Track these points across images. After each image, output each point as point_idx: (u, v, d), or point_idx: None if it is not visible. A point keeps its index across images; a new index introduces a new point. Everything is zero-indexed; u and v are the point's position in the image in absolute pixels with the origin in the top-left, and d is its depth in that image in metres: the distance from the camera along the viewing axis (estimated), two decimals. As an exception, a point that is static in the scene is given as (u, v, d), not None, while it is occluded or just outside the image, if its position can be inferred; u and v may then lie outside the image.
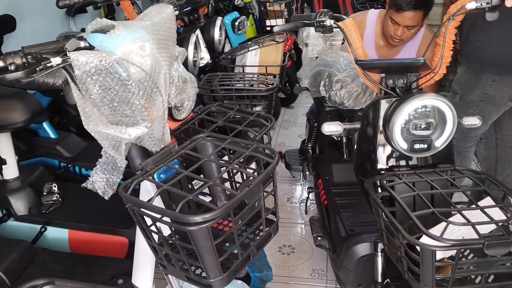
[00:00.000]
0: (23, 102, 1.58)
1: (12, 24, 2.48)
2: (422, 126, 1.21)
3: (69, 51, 1.11)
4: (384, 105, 1.29)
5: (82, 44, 1.15)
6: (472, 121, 1.31)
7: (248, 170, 1.21)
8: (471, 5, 1.16)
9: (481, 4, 1.16)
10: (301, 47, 3.68)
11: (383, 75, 1.32)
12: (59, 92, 2.12)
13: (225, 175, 1.29)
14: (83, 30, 3.03)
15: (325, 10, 1.41)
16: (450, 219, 1.05)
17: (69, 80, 1.08)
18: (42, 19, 2.91)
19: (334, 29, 1.40)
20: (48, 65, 1.01)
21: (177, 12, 1.90)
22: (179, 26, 2.24)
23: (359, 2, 5.21)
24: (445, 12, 1.25)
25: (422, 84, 1.31)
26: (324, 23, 1.37)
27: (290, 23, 1.47)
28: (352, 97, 1.87)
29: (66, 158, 2.01)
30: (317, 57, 2.33)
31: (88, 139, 2.01)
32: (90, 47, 1.12)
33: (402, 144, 1.22)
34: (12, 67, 0.95)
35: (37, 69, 0.98)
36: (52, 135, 2.08)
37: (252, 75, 2.11)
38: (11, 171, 1.63)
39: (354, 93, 1.87)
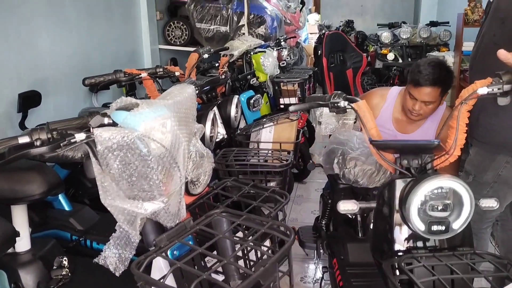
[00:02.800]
0: (42, 175, 1.60)
1: (38, 99, 2.60)
2: (439, 208, 1.19)
3: (93, 128, 1.15)
4: (399, 185, 1.29)
5: (106, 121, 1.19)
6: (489, 203, 1.30)
7: (262, 248, 1.19)
8: (483, 91, 1.20)
9: (493, 90, 1.19)
10: (314, 125, 3.76)
11: (397, 155, 1.34)
12: (77, 165, 2.16)
13: (239, 252, 1.27)
14: (104, 105, 3.17)
15: (339, 92, 1.46)
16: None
17: (91, 154, 1.11)
18: (66, 94, 3.04)
19: (347, 110, 1.45)
20: (72, 140, 1.04)
21: (197, 91, 1.98)
22: (198, 103, 2.33)
23: (368, 83, 5.41)
24: (455, 94, 1.29)
25: (437, 166, 1.32)
26: (338, 104, 1.41)
27: (305, 104, 1.52)
28: (366, 175, 1.87)
29: (78, 231, 2.01)
30: (330, 135, 2.37)
31: (102, 211, 2.01)
32: (114, 124, 1.16)
33: (419, 226, 1.20)
34: (38, 143, 0.98)
35: (61, 144, 1.01)
36: (66, 207, 2.09)
37: (266, 151, 2.14)
38: (23, 244, 1.62)
39: (368, 171, 1.87)
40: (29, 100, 2.54)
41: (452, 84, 2.12)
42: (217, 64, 2.89)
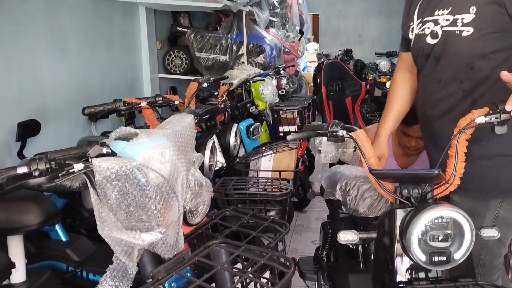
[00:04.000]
0: (39, 204, 1.59)
1: (37, 128, 2.60)
2: (440, 238, 1.18)
3: (91, 157, 1.15)
4: (399, 215, 1.28)
5: (105, 150, 1.19)
6: (491, 233, 1.28)
7: (262, 280, 1.17)
8: (481, 120, 1.20)
9: (490, 119, 1.20)
10: (313, 153, 3.76)
11: (397, 184, 1.33)
12: (75, 194, 2.15)
13: (238, 285, 1.25)
14: (103, 134, 3.16)
15: (337, 121, 1.46)
16: None
17: (89, 185, 1.10)
18: (65, 123, 3.05)
19: (346, 139, 1.45)
20: (71, 171, 1.04)
21: (196, 120, 1.99)
22: (197, 132, 2.34)
23: (367, 111, 5.44)
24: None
25: (438, 195, 1.31)
26: (337, 133, 1.41)
27: (304, 133, 1.52)
28: (366, 205, 1.85)
29: (74, 262, 1.97)
30: (330, 163, 2.37)
31: (99, 242, 1.98)
32: (113, 154, 1.16)
33: (420, 256, 1.18)
34: (36, 173, 0.97)
35: (59, 174, 1.01)
36: (63, 237, 2.06)
37: (266, 180, 2.13)
38: (19, 275, 1.58)
39: (369, 200, 1.86)
40: (28, 129, 2.54)
41: None
42: (216, 93, 2.91)
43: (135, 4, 3.87)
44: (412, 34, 1.70)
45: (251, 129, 3.19)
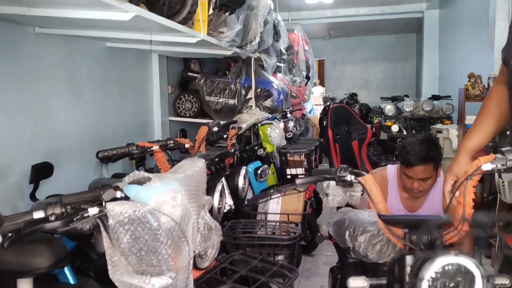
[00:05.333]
0: (50, 247, 1.60)
1: (50, 170, 2.65)
2: (451, 285, 1.17)
3: (105, 201, 1.18)
4: (409, 261, 1.28)
5: (118, 194, 1.22)
6: (502, 280, 1.27)
7: (271, 327, 1.16)
8: (487, 167, 1.22)
9: (497, 166, 1.22)
10: (321, 197, 3.76)
11: (406, 230, 1.34)
12: (85, 236, 2.16)
13: (247, 332, 1.24)
14: (114, 176, 3.19)
15: (345, 166, 1.48)
16: None
17: (102, 229, 1.12)
18: (77, 165, 3.10)
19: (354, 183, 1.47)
20: (85, 215, 1.06)
21: (207, 164, 2.02)
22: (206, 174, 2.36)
23: (374, 154, 5.47)
24: None
25: (447, 241, 1.31)
26: (345, 178, 1.43)
27: (313, 177, 1.54)
28: (376, 250, 1.85)
29: (82, 306, 1.95)
30: (337, 207, 2.37)
31: (107, 285, 1.97)
32: (126, 198, 1.19)
33: (431, 304, 1.17)
34: (52, 218, 1.00)
35: (74, 219, 1.04)
36: (71, 280, 2.05)
37: (274, 223, 2.14)
38: (27, 319, 1.58)
39: (378, 246, 1.85)
40: (41, 172, 2.59)
41: (441, 156, 2.15)
42: (225, 136, 2.96)
43: (149, 51, 4.01)
44: None
45: (259, 172, 3.21)
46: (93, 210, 1.09)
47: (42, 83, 2.78)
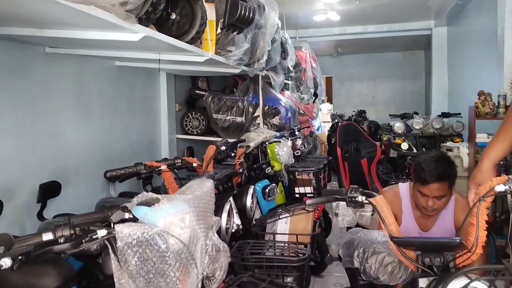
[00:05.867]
0: (57, 268, 1.59)
1: (58, 189, 2.66)
2: (466, 309, 1.14)
3: (114, 223, 1.17)
4: (422, 284, 1.25)
5: (127, 215, 1.21)
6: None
7: None
8: (500, 188, 1.20)
9: (510, 187, 1.20)
10: (330, 216, 3.72)
11: (419, 252, 1.31)
12: (92, 256, 2.14)
13: None
14: (121, 195, 3.17)
15: (355, 186, 1.47)
16: None
17: (110, 251, 1.11)
18: (85, 184, 3.11)
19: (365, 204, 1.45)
20: (94, 237, 1.05)
21: (215, 183, 2.01)
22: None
23: (383, 172, 5.42)
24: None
25: (461, 264, 1.28)
26: (356, 199, 1.42)
27: (323, 198, 1.53)
28: (387, 272, 1.81)
29: (88, 327, 1.93)
30: (348, 228, 2.34)
31: (114, 306, 1.95)
32: (134, 219, 1.18)
33: (446, 329, 1.14)
34: (62, 240, 0.99)
35: (83, 241, 1.03)
36: (78, 300, 2.04)
37: (283, 244, 2.11)
38: None
39: (390, 268, 1.82)
40: (49, 191, 2.60)
41: (456, 174, 2.12)
42: (233, 154, 2.96)
43: (157, 70, 4.05)
44: None
45: (267, 190, 3.19)
46: (101, 232, 1.08)
47: (52, 102, 2.81)
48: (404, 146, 5.30)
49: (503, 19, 4.40)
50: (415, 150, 5.31)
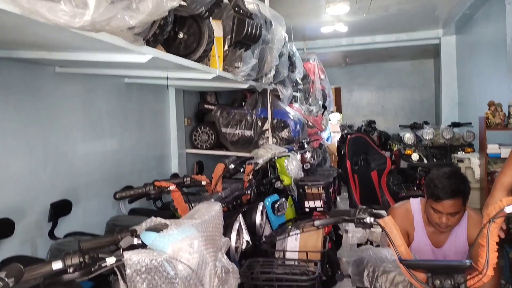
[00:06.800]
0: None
1: (69, 207, 2.68)
2: (478, 334, 1.13)
3: (123, 248, 1.18)
4: (433, 307, 1.24)
5: (136, 241, 1.22)
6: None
7: None
8: (510, 209, 1.19)
9: (520, 208, 1.18)
10: (341, 233, 3.69)
11: (429, 274, 1.30)
12: (102, 277, 2.15)
13: None
14: (131, 211, 3.16)
15: (364, 207, 1.46)
16: None
17: (119, 277, 1.12)
18: (95, 202, 3.13)
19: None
20: (103, 265, 1.07)
21: (223, 206, 2.02)
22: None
23: (394, 183, 5.38)
24: (483, 196, 1.26)
25: (472, 286, 1.27)
26: (364, 220, 1.41)
27: (331, 219, 1.52)
28: (398, 292, 1.79)
29: None
30: (358, 244, 2.32)
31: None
32: (143, 245, 1.19)
33: None
34: (71, 270, 1.00)
35: (92, 269, 1.04)
36: (89, 322, 2.04)
37: (293, 262, 2.10)
38: None
39: (400, 287, 1.80)
40: (60, 209, 2.62)
41: (470, 190, 2.10)
42: (242, 170, 2.96)
43: (166, 85, 4.08)
44: None
45: (276, 205, 3.17)
46: (110, 260, 1.09)
47: (62, 120, 2.85)
48: (415, 157, 5.27)
49: (512, 29, 4.38)
50: (425, 161, 5.27)
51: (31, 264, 2.07)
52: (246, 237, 2.40)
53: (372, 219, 1.40)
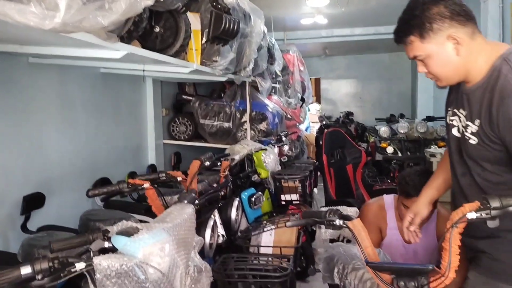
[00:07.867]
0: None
1: (42, 200, 2.65)
2: (438, 335, 1.18)
3: (93, 251, 1.18)
4: (398, 307, 1.28)
5: (106, 244, 1.23)
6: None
7: None
8: (472, 215, 1.23)
9: (481, 215, 1.23)
10: (314, 228, 3.75)
11: (394, 276, 1.34)
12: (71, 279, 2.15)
13: None
14: (106, 203, 3.11)
15: (334, 209, 1.50)
16: None
17: (89, 281, 1.13)
18: (69, 195, 3.09)
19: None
20: (73, 270, 1.07)
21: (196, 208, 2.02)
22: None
23: (369, 175, 5.47)
24: None
25: (435, 287, 1.32)
26: (334, 222, 1.44)
27: (302, 220, 1.56)
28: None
29: None
30: (331, 240, 2.37)
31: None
32: (114, 248, 1.19)
33: None
34: (39, 276, 1.00)
35: (61, 275, 1.04)
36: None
37: (266, 258, 2.14)
38: None
39: (369, 284, 1.85)
40: (33, 202, 2.59)
41: None
42: (219, 163, 2.96)
43: (142, 76, 4.04)
44: (447, 119, 1.74)
45: (253, 199, 3.20)
46: (80, 265, 1.10)
47: (35, 112, 2.79)
48: (390, 150, 5.38)
49: (486, 27, 4.47)
50: (400, 154, 5.38)
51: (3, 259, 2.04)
52: (221, 230, 2.43)
53: (341, 222, 1.43)
